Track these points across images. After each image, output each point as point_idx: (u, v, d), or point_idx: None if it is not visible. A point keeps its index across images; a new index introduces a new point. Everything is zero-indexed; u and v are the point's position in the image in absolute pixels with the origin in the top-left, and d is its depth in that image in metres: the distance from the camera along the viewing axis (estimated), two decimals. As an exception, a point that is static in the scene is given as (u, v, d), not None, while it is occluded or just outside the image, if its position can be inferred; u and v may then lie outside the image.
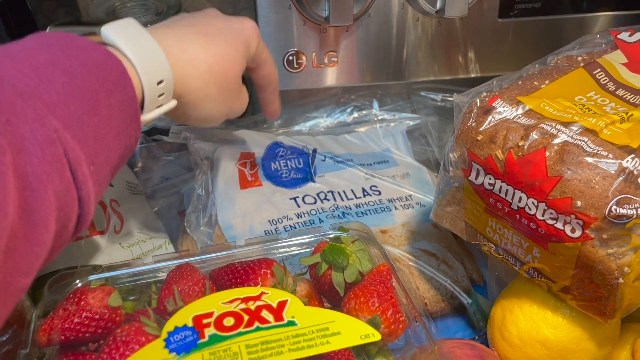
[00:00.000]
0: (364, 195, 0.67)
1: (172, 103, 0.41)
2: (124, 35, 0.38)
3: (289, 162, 0.69)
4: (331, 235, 0.48)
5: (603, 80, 0.49)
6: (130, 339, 0.36)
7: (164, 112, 0.41)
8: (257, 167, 0.68)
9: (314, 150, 0.71)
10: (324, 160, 0.70)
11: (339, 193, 0.67)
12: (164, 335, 0.36)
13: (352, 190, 0.67)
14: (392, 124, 0.76)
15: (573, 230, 0.41)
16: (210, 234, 0.63)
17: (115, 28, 0.39)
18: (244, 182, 0.67)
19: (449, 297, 0.59)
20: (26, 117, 0.30)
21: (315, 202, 0.65)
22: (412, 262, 0.60)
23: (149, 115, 0.39)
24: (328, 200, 0.66)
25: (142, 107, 0.39)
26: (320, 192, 0.67)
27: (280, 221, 0.63)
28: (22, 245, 0.29)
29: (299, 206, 0.65)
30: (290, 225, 0.63)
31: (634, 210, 0.39)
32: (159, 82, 0.39)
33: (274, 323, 0.38)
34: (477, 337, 0.57)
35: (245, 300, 0.39)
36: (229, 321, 0.37)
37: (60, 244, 0.33)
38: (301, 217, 0.64)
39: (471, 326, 0.59)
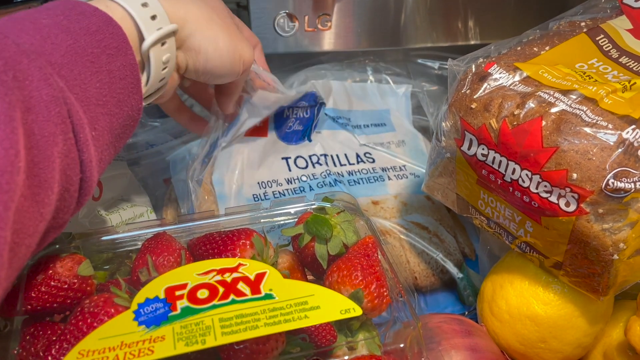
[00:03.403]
0: (358, 162, 0.65)
1: (172, 26, 0.40)
2: None
3: (300, 111, 0.65)
4: (315, 206, 0.46)
5: (606, 47, 0.46)
6: (99, 310, 0.34)
7: (166, 34, 0.40)
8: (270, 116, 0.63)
9: (322, 104, 0.66)
10: (325, 116, 0.67)
11: (332, 157, 0.64)
12: (134, 307, 0.35)
13: (345, 155, 0.65)
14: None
15: (568, 204, 0.39)
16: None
17: None
18: (251, 128, 0.62)
19: (439, 272, 0.58)
20: (32, 75, 0.30)
21: (306, 167, 0.63)
22: (403, 235, 0.59)
23: (150, 38, 0.38)
24: (320, 164, 0.64)
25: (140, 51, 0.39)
26: (313, 154, 0.64)
27: (269, 185, 0.61)
28: (29, 206, 0.29)
29: (290, 169, 0.63)
30: (279, 192, 0.61)
31: (632, 184, 0.37)
32: (153, 17, 0.39)
33: (250, 296, 0.36)
34: (466, 313, 0.56)
35: (222, 271, 0.37)
36: (202, 293, 0.36)
37: (65, 209, 0.33)
38: (291, 183, 0.62)
39: (461, 301, 0.57)
